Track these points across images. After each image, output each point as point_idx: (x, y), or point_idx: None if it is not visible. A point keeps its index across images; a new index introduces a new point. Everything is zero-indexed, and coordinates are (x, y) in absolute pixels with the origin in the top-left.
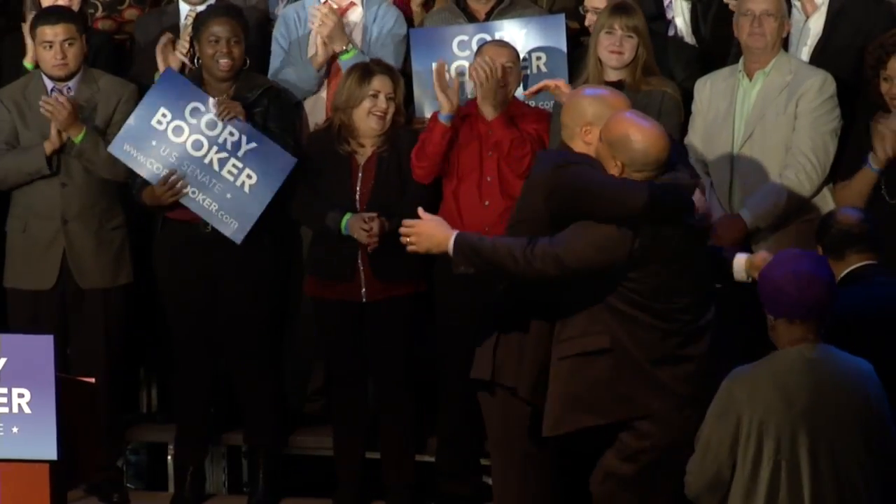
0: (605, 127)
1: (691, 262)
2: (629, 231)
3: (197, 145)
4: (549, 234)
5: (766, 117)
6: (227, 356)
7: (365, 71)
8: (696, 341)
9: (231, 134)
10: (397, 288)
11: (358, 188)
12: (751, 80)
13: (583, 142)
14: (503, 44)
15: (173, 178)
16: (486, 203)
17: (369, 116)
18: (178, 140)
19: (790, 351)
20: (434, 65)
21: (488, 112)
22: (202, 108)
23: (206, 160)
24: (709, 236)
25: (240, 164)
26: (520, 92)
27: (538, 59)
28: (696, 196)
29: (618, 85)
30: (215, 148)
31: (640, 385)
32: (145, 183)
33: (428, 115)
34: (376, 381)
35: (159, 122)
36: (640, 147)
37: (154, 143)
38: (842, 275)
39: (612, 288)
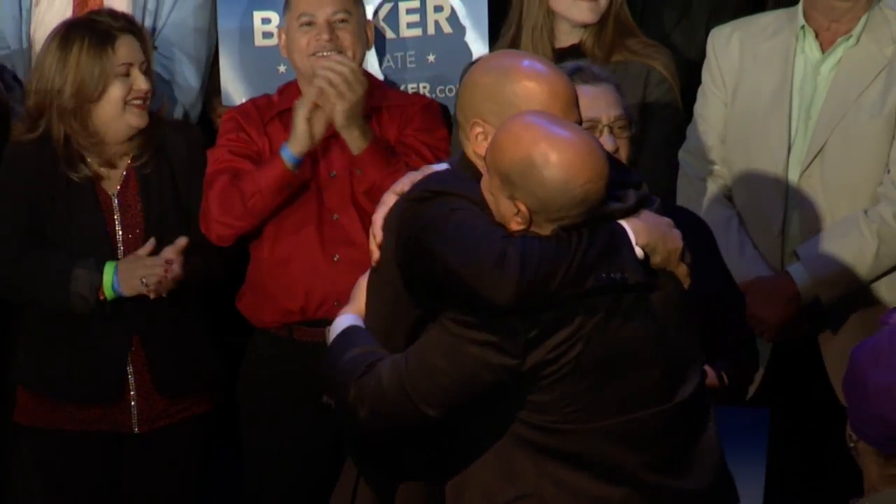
0: (494, 147)
1: (648, 343)
2: (510, 341)
3: None
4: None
5: (851, 115)
6: None
7: (101, 35)
8: (683, 472)
9: None
10: (189, 405)
11: (119, 233)
12: (823, 50)
13: (473, 151)
14: None
15: None
16: (336, 257)
17: (127, 109)
18: None
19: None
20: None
21: (354, 142)
22: None
23: None
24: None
25: None
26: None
27: (437, 10)
28: (635, 222)
29: (574, 51)
30: None
31: None
32: None
33: (239, 102)
34: None
35: None
36: (555, 178)
37: None
38: None
39: (519, 413)
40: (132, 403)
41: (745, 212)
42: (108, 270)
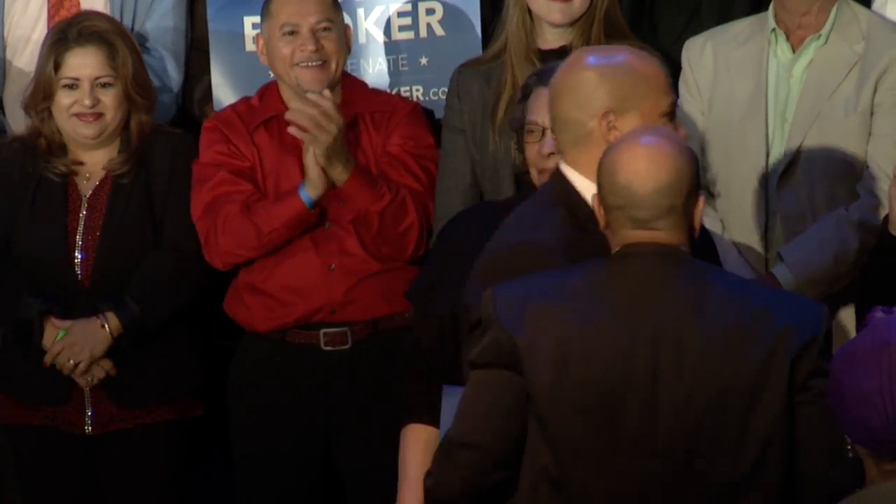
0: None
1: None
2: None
3: None
4: None
5: (826, 115)
6: None
7: (57, 38)
8: None
9: None
10: (148, 412)
11: (79, 234)
12: (794, 50)
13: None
14: None
15: None
16: (332, 267)
17: (73, 119)
18: None
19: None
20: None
21: (338, 176)
22: None
23: None
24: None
25: None
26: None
27: (429, 13)
28: None
29: (562, 53)
30: None
31: None
32: None
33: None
34: None
35: None
36: (607, 160)
37: None
38: None
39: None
40: (86, 405)
41: (727, 219)
42: (60, 335)
